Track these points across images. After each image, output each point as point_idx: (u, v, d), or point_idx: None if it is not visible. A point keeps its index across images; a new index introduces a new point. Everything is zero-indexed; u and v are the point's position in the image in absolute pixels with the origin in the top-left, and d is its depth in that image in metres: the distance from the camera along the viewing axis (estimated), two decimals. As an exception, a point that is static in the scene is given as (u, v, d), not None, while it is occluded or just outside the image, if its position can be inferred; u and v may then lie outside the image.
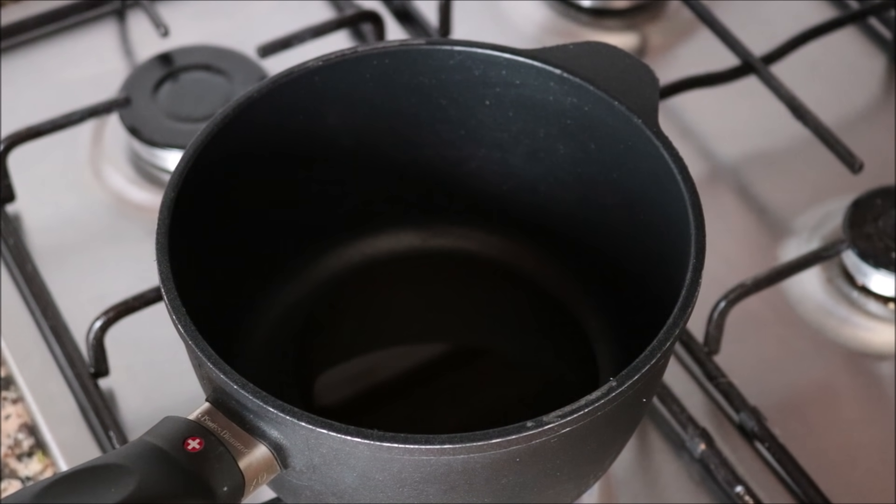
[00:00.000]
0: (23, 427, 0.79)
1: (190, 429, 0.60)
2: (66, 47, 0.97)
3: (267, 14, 0.99)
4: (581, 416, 0.59)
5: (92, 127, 0.92)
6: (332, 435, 0.58)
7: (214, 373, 0.60)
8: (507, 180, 0.77)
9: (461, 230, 0.78)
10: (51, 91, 0.94)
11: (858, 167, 0.86)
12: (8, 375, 0.81)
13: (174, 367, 0.76)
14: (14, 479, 0.76)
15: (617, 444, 0.67)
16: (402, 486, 0.61)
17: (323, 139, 0.75)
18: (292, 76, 0.72)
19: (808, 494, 0.74)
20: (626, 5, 1.00)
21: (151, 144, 0.89)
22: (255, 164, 0.73)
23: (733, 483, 0.74)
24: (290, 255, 0.77)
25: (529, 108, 0.74)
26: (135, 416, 0.78)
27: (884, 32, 0.98)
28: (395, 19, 0.98)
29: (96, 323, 0.77)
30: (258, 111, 0.72)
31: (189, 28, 0.97)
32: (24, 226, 0.87)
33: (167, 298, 0.63)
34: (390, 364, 0.75)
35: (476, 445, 0.59)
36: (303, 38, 0.92)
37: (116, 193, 0.89)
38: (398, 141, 0.76)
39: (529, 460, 0.61)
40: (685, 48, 0.98)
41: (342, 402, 0.74)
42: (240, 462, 0.59)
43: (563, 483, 0.64)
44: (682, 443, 0.77)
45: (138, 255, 0.83)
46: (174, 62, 0.93)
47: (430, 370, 0.75)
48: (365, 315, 0.78)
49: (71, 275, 0.84)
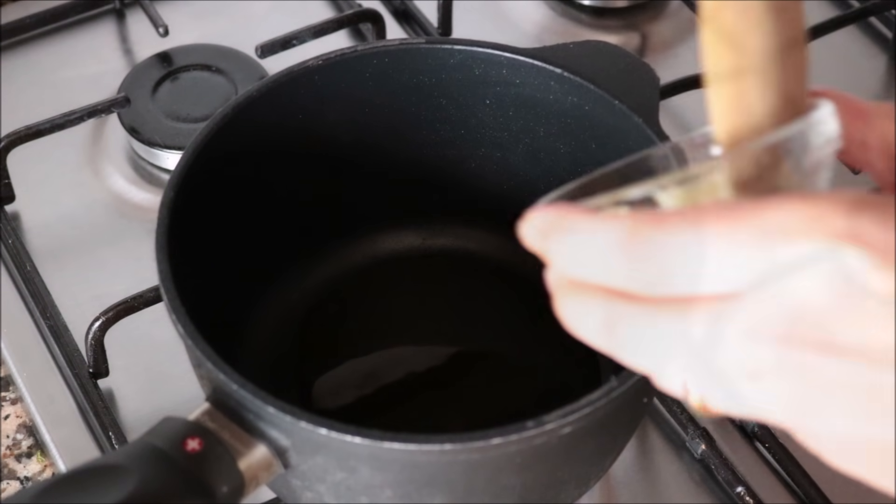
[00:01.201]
0: (22, 427, 0.78)
1: (189, 429, 0.60)
2: (66, 47, 0.97)
3: (267, 14, 0.98)
4: (581, 417, 0.59)
5: (91, 127, 0.92)
6: (332, 435, 0.58)
7: (214, 373, 0.60)
8: (507, 180, 0.76)
9: (461, 230, 0.78)
10: (50, 91, 0.94)
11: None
12: (7, 375, 0.80)
13: (174, 367, 0.76)
14: (13, 480, 0.76)
15: (617, 444, 0.67)
16: (402, 486, 0.61)
17: (323, 138, 0.75)
18: (292, 75, 0.72)
19: (808, 494, 0.74)
20: (626, 4, 1.00)
21: (151, 144, 0.89)
22: (254, 164, 0.73)
23: (734, 483, 0.74)
24: (289, 255, 0.77)
25: (530, 107, 0.74)
26: (134, 416, 0.78)
27: (884, 32, 0.98)
28: (395, 19, 0.98)
29: (95, 323, 0.77)
30: (258, 110, 0.72)
31: (189, 27, 0.97)
32: (23, 226, 0.87)
33: (167, 298, 0.63)
34: (390, 364, 0.75)
35: (476, 446, 0.59)
36: (303, 37, 0.92)
37: (116, 193, 0.89)
38: (398, 140, 0.76)
39: (530, 461, 0.61)
40: (685, 48, 0.98)
41: (342, 403, 0.74)
42: (239, 462, 0.59)
43: (564, 483, 0.64)
44: (683, 443, 0.76)
45: (138, 255, 0.83)
46: (174, 62, 0.93)
47: (430, 371, 0.75)
48: (365, 315, 0.77)
49: (70, 275, 0.84)
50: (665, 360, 0.48)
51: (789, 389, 0.46)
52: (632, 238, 0.47)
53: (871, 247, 0.44)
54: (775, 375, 0.46)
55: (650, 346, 0.48)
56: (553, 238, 0.49)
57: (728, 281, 0.46)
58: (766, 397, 0.46)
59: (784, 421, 0.47)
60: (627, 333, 0.48)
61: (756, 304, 0.46)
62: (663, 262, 0.46)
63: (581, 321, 0.49)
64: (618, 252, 0.47)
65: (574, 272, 0.49)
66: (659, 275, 0.47)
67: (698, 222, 0.46)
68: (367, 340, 0.76)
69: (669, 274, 0.46)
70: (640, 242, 0.47)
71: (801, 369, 0.45)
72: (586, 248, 0.48)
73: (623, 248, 0.47)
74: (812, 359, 0.45)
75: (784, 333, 0.45)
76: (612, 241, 0.47)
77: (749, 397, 0.47)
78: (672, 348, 0.47)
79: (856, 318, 0.45)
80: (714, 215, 0.46)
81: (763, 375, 0.46)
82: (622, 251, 0.47)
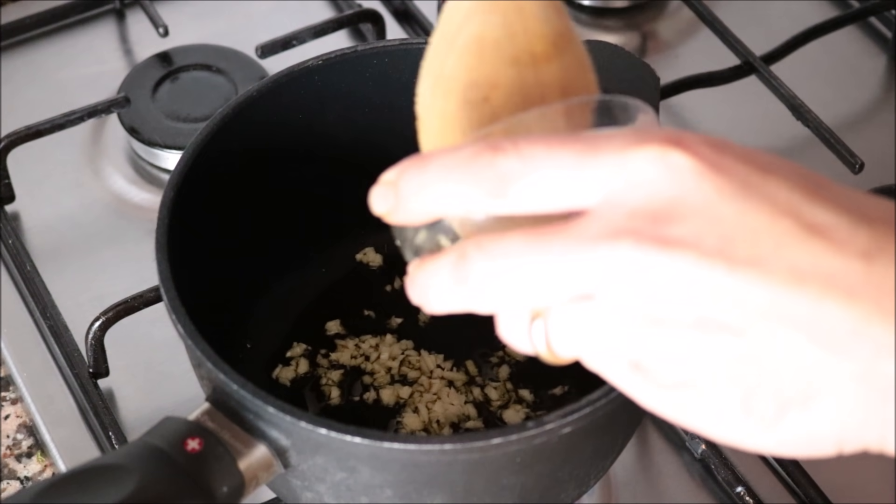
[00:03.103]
0: (22, 427, 0.78)
1: (190, 429, 0.60)
2: (66, 47, 0.97)
3: (267, 14, 0.98)
4: (581, 417, 0.59)
5: (91, 127, 0.92)
6: (331, 435, 0.58)
7: (214, 373, 0.60)
8: (507, 180, 0.76)
9: (461, 230, 0.78)
10: (50, 91, 0.94)
11: (859, 167, 0.86)
12: (7, 375, 0.80)
13: (174, 367, 0.76)
14: (13, 480, 0.76)
15: (617, 444, 0.67)
16: (402, 486, 0.61)
17: (323, 138, 0.75)
18: (292, 75, 0.72)
19: (808, 494, 0.74)
20: (626, 4, 1.00)
21: (151, 144, 0.89)
22: (254, 164, 0.73)
23: (734, 483, 0.74)
24: (289, 255, 0.77)
25: (530, 107, 0.74)
26: (134, 416, 0.78)
27: (884, 32, 0.98)
28: (395, 19, 0.98)
29: (95, 323, 0.77)
30: (258, 110, 0.72)
31: (189, 27, 0.97)
32: (23, 226, 0.87)
33: (167, 298, 0.63)
34: (390, 364, 0.75)
35: (476, 446, 0.58)
36: (303, 37, 0.92)
37: (116, 193, 0.89)
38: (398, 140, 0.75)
39: (530, 461, 0.61)
40: (685, 48, 0.98)
41: (342, 403, 0.74)
42: (239, 462, 0.59)
43: (564, 483, 0.64)
44: (683, 443, 0.76)
45: (138, 255, 0.83)
46: (174, 62, 0.93)
47: (431, 371, 0.75)
48: (365, 314, 0.77)
49: (70, 275, 0.84)
50: (508, 293, 0.50)
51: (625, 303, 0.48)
52: (473, 159, 0.49)
53: (696, 154, 0.48)
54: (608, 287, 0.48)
55: (496, 279, 0.49)
56: (403, 180, 0.51)
57: (568, 199, 0.48)
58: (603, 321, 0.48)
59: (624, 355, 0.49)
60: (476, 270, 0.50)
61: (593, 217, 0.48)
62: (506, 174, 0.49)
63: (433, 287, 0.51)
64: (466, 170, 0.49)
65: (424, 208, 0.51)
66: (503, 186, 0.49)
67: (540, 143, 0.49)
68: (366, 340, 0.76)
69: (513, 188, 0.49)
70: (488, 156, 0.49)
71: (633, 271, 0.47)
72: (435, 179, 0.50)
73: (470, 164, 0.49)
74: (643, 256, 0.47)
75: (615, 231, 0.47)
76: (460, 162, 0.50)
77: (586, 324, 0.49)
78: (516, 278, 0.49)
79: (684, 214, 0.47)
80: (556, 140, 0.49)
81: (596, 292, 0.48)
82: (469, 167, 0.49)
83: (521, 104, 0.54)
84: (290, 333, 0.76)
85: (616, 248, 0.47)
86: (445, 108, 0.55)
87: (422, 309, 0.53)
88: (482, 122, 0.54)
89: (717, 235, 0.47)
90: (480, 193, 0.49)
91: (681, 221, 0.47)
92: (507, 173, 0.49)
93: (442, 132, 0.56)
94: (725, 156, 0.48)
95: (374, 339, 0.76)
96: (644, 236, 0.47)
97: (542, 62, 0.54)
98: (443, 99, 0.55)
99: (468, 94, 0.54)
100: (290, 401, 0.61)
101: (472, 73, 0.54)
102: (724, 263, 0.46)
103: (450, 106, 0.55)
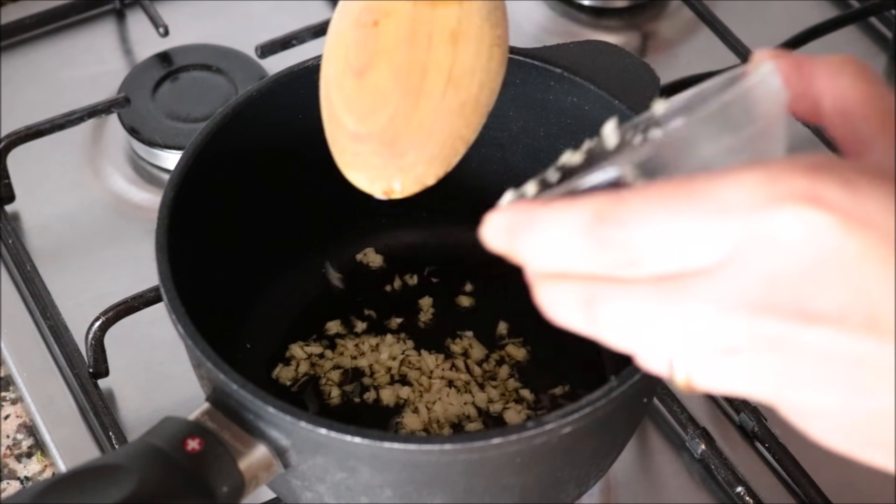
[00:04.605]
0: (22, 427, 0.78)
1: (190, 429, 0.60)
2: (66, 47, 0.97)
3: (267, 14, 0.98)
4: (581, 417, 0.59)
5: (91, 127, 0.92)
6: (331, 435, 0.58)
7: (214, 373, 0.60)
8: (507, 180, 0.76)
9: (461, 230, 0.78)
10: (50, 91, 0.94)
11: (859, 167, 0.86)
12: (7, 375, 0.80)
13: (174, 367, 0.76)
14: (13, 480, 0.76)
15: (617, 444, 0.67)
16: (402, 486, 0.61)
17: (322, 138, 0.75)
18: (292, 75, 0.72)
19: (808, 494, 0.74)
20: (626, 4, 1.00)
21: (151, 144, 0.89)
22: (254, 164, 0.73)
23: (734, 483, 0.74)
24: (289, 255, 0.77)
25: (530, 107, 0.74)
26: (134, 416, 0.78)
27: (884, 32, 0.98)
28: (395, 19, 0.98)
29: (96, 323, 0.77)
30: (258, 110, 0.72)
31: (189, 27, 0.97)
32: (23, 226, 0.87)
33: (167, 298, 0.63)
34: (390, 364, 0.75)
35: (476, 446, 0.58)
36: (303, 37, 0.92)
37: (116, 193, 0.89)
38: (398, 140, 0.76)
39: (530, 461, 0.61)
40: (685, 47, 0.98)
41: (342, 403, 0.74)
42: (239, 462, 0.59)
43: (564, 483, 0.64)
44: (683, 443, 0.76)
45: (138, 255, 0.83)
46: (174, 62, 0.93)
47: (431, 371, 0.75)
48: (365, 315, 0.77)
49: (70, 275, 0.84)
50: (645, 338, 0.47)
51: (768, 362, 0.46)
52: (596, 221, 0.47)
53: (834, 209, 0.44)
54: (752, 349, 0.46)
55: (630, 324, 0.47)
56: (519, 235, 0.49)
57: (697, 256, 0.46)
58: (746, 371, 0.46)
59: (766, 396, 0.47)
60: (607, 314, 0.48)
61: (726, 277, 0.45)
62: (629, 242, 0.46)
63: (560, 307, 0.49)
64: (585, 237, 0.47)
65: (546, 265, 0.48)
66: (627, 255, 0.46)
67: (658, 200, 0.46)
68: (366, 340, 0.76)
69: (638, 254, 0.46)
70: (605, 225, 0.47)
71: (778, 341, 0.45)
72: (554, 239, 0.48)
73: (589, 232, 0.47)
74: (787, 329, 0.45)
75: (756, 304, 0.45)
76: (577, 227, 0.47)
77: (729, 372, 0.47)
78: (651, 326, 0.47)
79: (826, 283, 0.44)
80: (672, 192, 0.46)
81: (740, 349, 0.46)
82: (589, 235, 0.47)
83: (408, 39, 0.54)
84: (290, 333, 0.76)
85: (758, 325, 0.45)
86: (340, 24, 0.57)
87: None
88: (366, 44, 0.54)
89: (862, 307, 0.44)
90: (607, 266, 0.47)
91: (823, 292, 0.45)
92: (630, 244, 0.46)
93: (330, 47, 0.58)
94: (867, 200, 0.45)
95: (374, 339, 0.76)
96: (785, 313, 0.45)
97: (441, 5, 0.54)
98: (339, 15, 0.57)
99: (361, 16, 0.55)
100: (290, 401, 0.61)
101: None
102: (873, 338, 0.45)
103: (343, 23, 0.56)
